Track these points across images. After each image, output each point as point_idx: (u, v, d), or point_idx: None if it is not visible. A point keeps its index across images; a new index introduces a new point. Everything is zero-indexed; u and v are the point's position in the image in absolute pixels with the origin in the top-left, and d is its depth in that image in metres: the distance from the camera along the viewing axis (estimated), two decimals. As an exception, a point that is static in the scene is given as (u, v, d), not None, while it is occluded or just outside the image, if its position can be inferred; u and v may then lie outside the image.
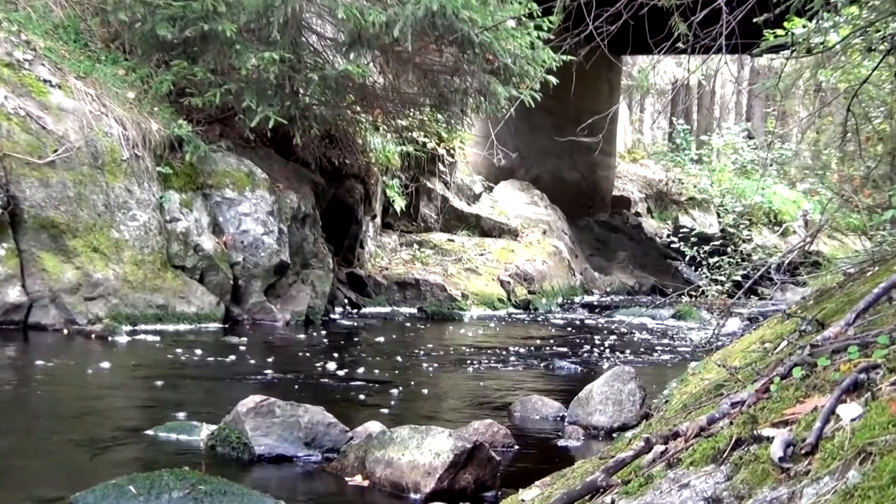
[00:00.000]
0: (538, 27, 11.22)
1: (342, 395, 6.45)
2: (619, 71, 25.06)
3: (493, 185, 19.11)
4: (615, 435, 5.33)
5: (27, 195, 8.68)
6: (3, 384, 6.16)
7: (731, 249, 15.98)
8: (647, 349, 10.07)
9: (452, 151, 16.96)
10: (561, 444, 5.30)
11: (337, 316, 11.87)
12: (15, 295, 8.53)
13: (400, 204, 15.30)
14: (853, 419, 2.15)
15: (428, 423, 4.72)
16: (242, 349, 8.46)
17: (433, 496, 3.92)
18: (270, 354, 8.22)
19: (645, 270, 20.09)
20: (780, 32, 7.17)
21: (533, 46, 11.24)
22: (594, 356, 9.27)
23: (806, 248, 8.83)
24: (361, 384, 6.89)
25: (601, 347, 10.03)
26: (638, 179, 28.26)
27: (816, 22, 6.53)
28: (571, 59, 8.57)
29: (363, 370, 7.68)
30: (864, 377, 2.35)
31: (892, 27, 6.14)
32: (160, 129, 9.95)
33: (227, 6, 9.72)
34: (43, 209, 8.75)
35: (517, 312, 14.18)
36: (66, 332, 8.60)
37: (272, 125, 10.10)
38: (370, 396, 6.52)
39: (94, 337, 8.51)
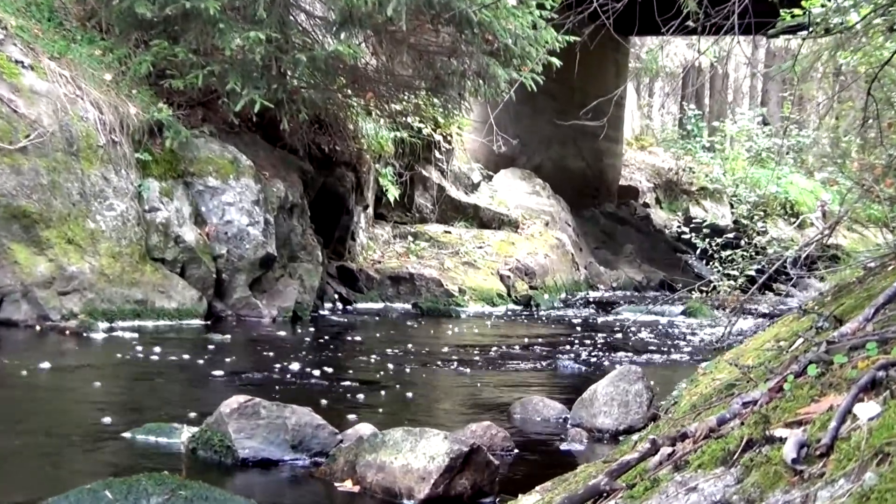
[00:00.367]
0: (540, 5, 11.22)
1: (331, 395, 6.45)
2: (626, 52, 25.07)
3: (492, 173, 19.11)
4: (621, 438, 5.34)
5: (-3, 183, 8.67)
6: (-29, 383, 6.16)
7: (744, 242, 16.00)
8: (655, 348, 10.08)
9: (449, 138, 16.96)
10: (563, 447, 5.30)
11: (326, 312, 11.88)
12: (-16, 289, 8.54)
13: (393, 193, 15.30)
14: (870, 418, 2.15)
15: (422, 425, 4.72)
16: (226, 347, 8.46)
17: (428, 502, 3.92)
18: (256, 352, 8.22)
19: (653, 264, 20.10)
20: (796, 11, 7.16)
21: (535, 26, 11.24)
22: (599, 355, 9.27)
23: (824, 241, 8.83)
24: (352, 384, 6.89)
25: (606, 346, 10.04)
26: (646, 168, 28.28)
27: (835, 0, 6.53)
28: (575, 39, 8.56)
29: (354, 369, 7.68)
30: (882, 375, 2.36)
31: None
32: (139, 113, 9.94)
33: (209, -17, 9.71)
34: (14, 198, 8.74)
35: (517, 309, 14.19)
36: (38, 328, 8.60)
37: (258, 109, 10.09)
38: (361, 396, 6.52)
39: (68, 333, 8.50)
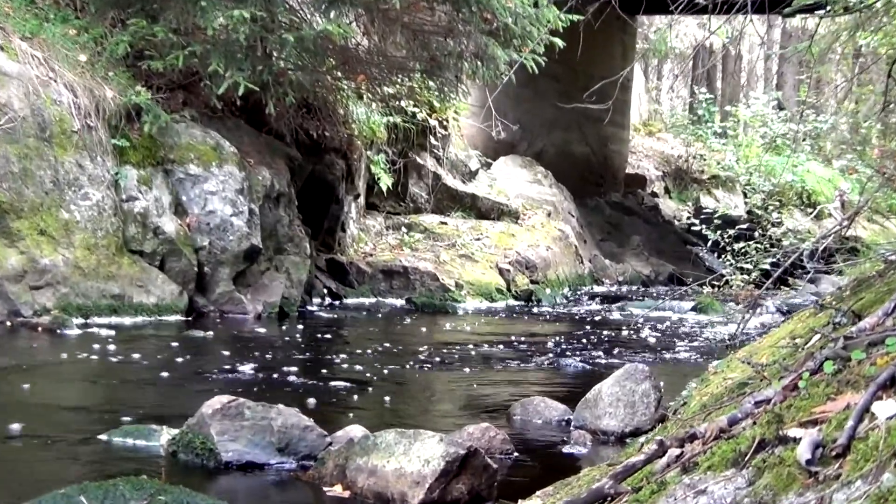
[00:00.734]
0: (542, -18, 11.21)
1: (320, 395, 6.46)
2: (633, 32, 25.04)
3: (491, 160, 19.10)
4: (627, 441, 5.35)
5: (-35, 171, 8.67)
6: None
7: (758, 234, 16.02)
8: (663, 345, 10.09)
9: (445, 123, 16.95)
10: (566, 450, 5.32)
11: (315, 307, 11.88)
12: (-49, 283, 8.53)
13: (386, 182, 15.29)
14: (889, 417, 2.16)
15: (417, 426, 4.73)
16: (208, 344, 8.46)
17: (422, 508, 3.93)
18: (240, 350, 8.22)
19: (662, 257, 20.11)
20: (813, -11, 7.16)
21: (536, 4, 11.23)
22: (604, 353, 9.28)
23: (842, 232, 8.84)
24: (342, 383, 6.90)
25: (612, 343, 10.05)
26: (654, 155, 28.27)
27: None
28: (579, 18, 8.56)
29: (344, 368, 7.69)
30: (902, 372, 2.37)
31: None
32: (115, 96, 9.93)
33: (190, -43, 9.70)
34: (-17, 186, 8.74)
35: (518, 304, 14.20)
36: (9, 324, 8.60)
37: (242, 92, 10.07)
38: (352, 397, 6.53)
39: (40, 330, 8.50)
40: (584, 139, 22.97)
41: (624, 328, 11.54)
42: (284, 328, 10.05)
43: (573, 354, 8.99)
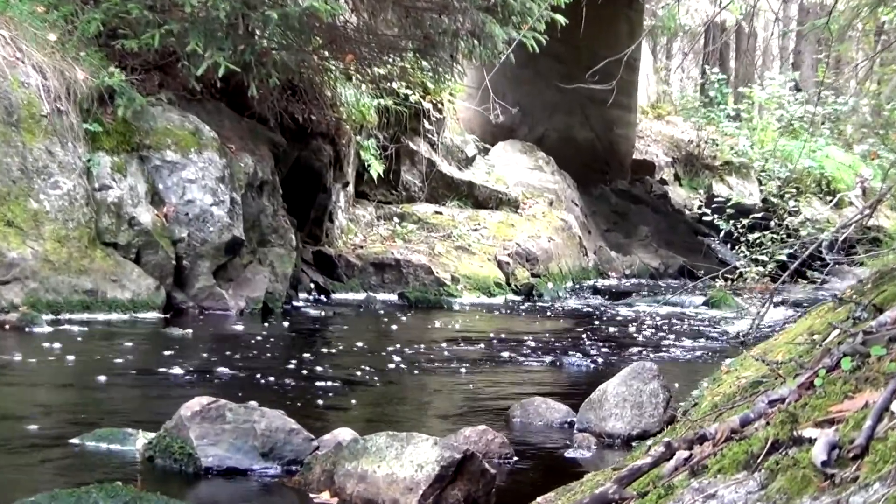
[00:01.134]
0: (543, -45, 11.20)
1: (307, 396, 6.47)
2: (640, 8, 25.01)
3: (489, 146, 19.11)
4: (634, 444, 5.36)
5: (-74, 158, 8.66)
6: None
7: (774, 224, 16.03)
8: (673, 343, 10.11)
9: (440, 106, 16.95)
10: (569, 454, 5.33)
11: (301, 303, 11.88)
12: (-88, 278, 8.53)
13: (377, 169, 15.29)
14: (910, 416, 2.17)
15: (409, 429, 4.74)
16: (187, 342, 8.46)
17: (415, 515, 3.94)
18: (221, 349, 8.22)
19: (671, 249, 20.13)
20: (832, -39, 7.16)
21: (537, -22, 11.23)
22: (609, 351, 9.30)
23: (864, 222, 8.85)
24: (330, 384, 6.91)
25: (618, 341, 10.07)
26: (663, 140, 28.26)
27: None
28: (582, -7, 8.56)
29: (332, 367, 7.69)
30: (925, 368, 2.38)
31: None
32: (87, 78, 9.92)
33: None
34: (-54, 175, 8.73)
35: (518, 299, 14.21)
36: (-26, 322, 8.60)
37: (222, 73, 10.07)
38: (340, 398, 6.54)
39: (7, 328, 8.49)
40: (587, 123, 22.95)
41: (631, 324, 11.55)
42: (268, 325, 10.05)
43: (576, 352, 9.00)
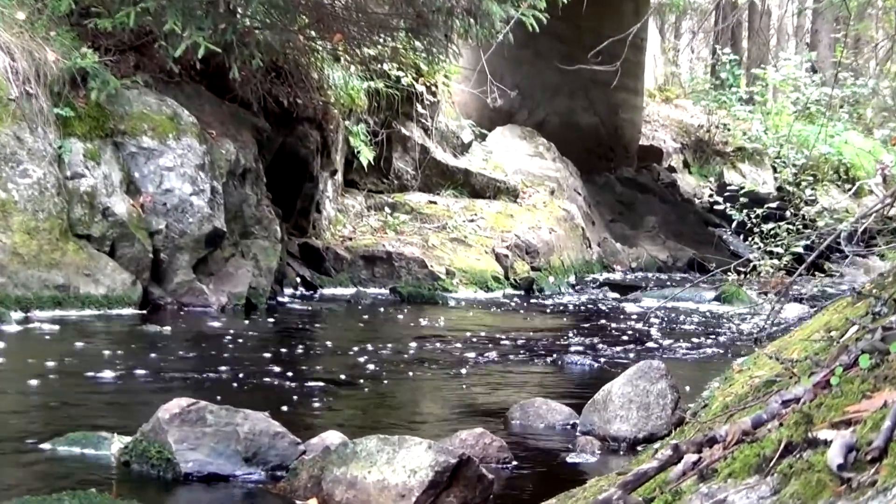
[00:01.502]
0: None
1: (292, 397, 6.47)
2: (647, -15, 25.04)
3: (486, 131, 19.10)
4: (640, 447, 5.36)
5: None
6: None
7: (790, 214, 16.04)
8: (682, 340, 10.11)
9: (434, 89, 16.94)
10: (571, 459, 5.33)
11: (286, 299, 11.88)
12: None
13: (367, 156, 15.29)
14: (932, 417, 2.18)
15: (402, 432, 4.74)
16: (165, 341, 8.46)
17: (408, 523, 3.95)
18: (201, 347, 8.22)
19: (680, 240, 20.15)
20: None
21: (537, -48, 11.22)
22: (614, 349, 9.30)
23: (885, 211, 8.87)
24: (317, 384, 6.91)
25: (623, 338, 10.07)
26: (672, 124, 28.29)
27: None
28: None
29: (319, 367, 7.70)
30: (947, 366, 2.39)
31: None
32: (58, 59, 9.90)
33: None
34: None
35: (517, 294, 14.21)
36: (-62, 319, 8.59)
37: (202, 54, 10.05)
38: (328, 400, 6.54)
39: (-26, 326, 8.50)
40: (591, 107, 22.96)
41: (637, 321, 11.56)
42: (252, 322, 10.05)
43: (579, 351, 9.01)
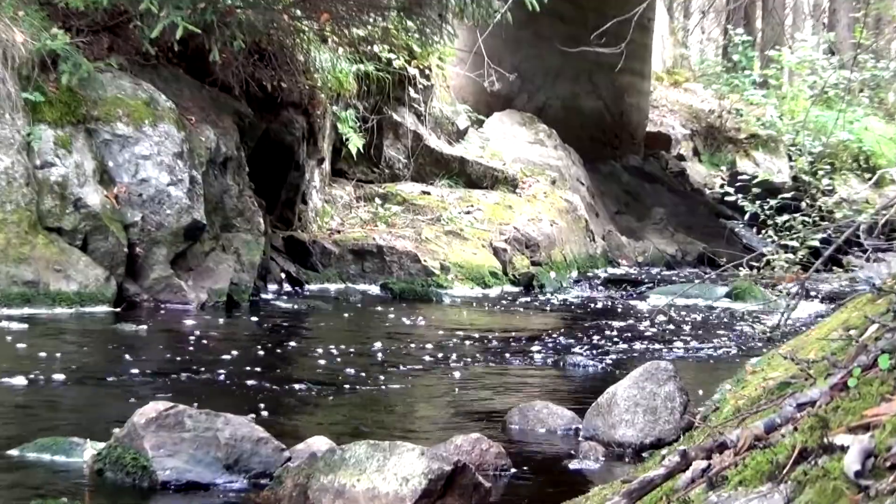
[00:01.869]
0: None
1: (277, 401, 6.48)
2: (654, -39, 25.03)
3: (483, 117, 19.08)
4: (647, 454, 5.37)
5: None
6: None
7: (806, 205, 16.04)
8: (691, 340, 10.13)
9: (428, 72, 16.92)
10: (573, 466, 5.34)
11: (270, 295, 11.88)
12: None
13: (356, 143, 15.27)
14: (954, 421, 2.18)
15: (393, 437, 4.75)
16: (141, 340, 8.46)
17: (399, 535, 3.95)
18: (179, 347, 8.23)
19: (690, 233, 20.16)
20: None
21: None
22: (619, 349, 9.32)
23: (907, 201, 8.89)
24: (303, 387, 6.92)
25: (629, 337, 10.08)
26: (681, 110, 28.28)
27: None
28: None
29: (305, 368, 7.70)
30: (971, 368, 2.39)
31: None
32: (27, 41, 9.89)
33: None
34: None
35: (516, 291, 14.21)
36: None
37: (180, 35, 10.04)
38: (315, 403, 6.55)
39: (-63, 325, 8.50)
40: (595, 91, 22.96)
41: (644, 319, 11.57)
42: (233, 320, 10.06)
43: (582, 351, 9.02)
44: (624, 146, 23.81)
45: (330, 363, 7.96)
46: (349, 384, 7.18)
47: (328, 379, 7.31)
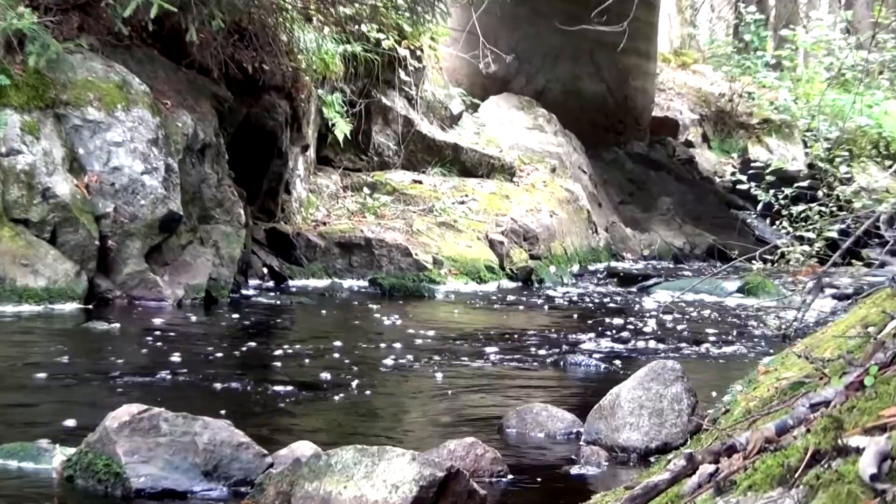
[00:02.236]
0: None
1: (258, 404, 6.49)
2: (661, -66, 25.04)
3: (478, 101, 19.09)
4: (652, 459, 5.38)
5: None
6: None
7: (822, 194, 16.06)
8: (700, 338, 10.14)
9: (419, 53, 16.92)
10: (574, 472, 5.35)
11: (252, 291, 11.87)
12: None
13: (343, 129, 15.27)
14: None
15: (382, 442, 4.76)
16: (113, 339, 8.46)
17: (389, 545, 3.96)
18: (154, 347, 8.23)
19: (699, 225, 20.17)
20: None
21: None
22: (623, 348, 9.33)
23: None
24: (287, 388, 6.92)
25: (634, 336, 10.09)
26: (689, 93, 28.29)
27: None
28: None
29: (289, 369, 7.71)
30: None
31: None
32: (-10, 19, 9.89)
33: None
34: None
35: (514, 286, 14.21)
36: None
37: (155, 14, 10.04)
38: (299, 406, 6.56)
39: None
40: (597, 73, 22.95)
41: (649, 316, 11.58)
42: (212, 318, 10.06)
43: (584, 350, 9.03)
44: (628, 132, 23.81)
45: (315, 363, 7.97)
46: (335, 386, 7.18)
47: (313, 380, 7.32)
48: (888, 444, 2.26)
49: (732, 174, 21.87)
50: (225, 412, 5.33)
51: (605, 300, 13.24)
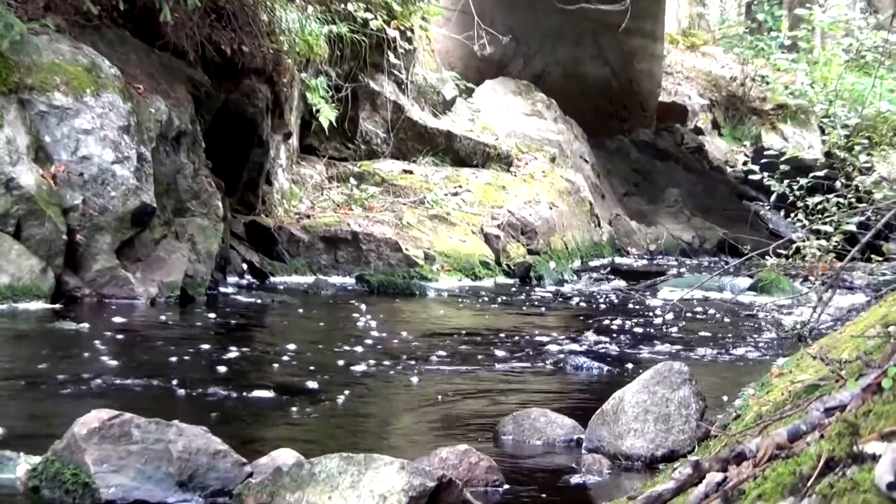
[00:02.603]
0: None
1: (237, 409, 6.49)
2: None
3: (473, 85, 19.09)
4: (659, 466, 5.39)
5: None
6: None
7: (841, 184, 16.08)
8: (709, 338, 10.16)
9: (410, 34, 16.92)
10: (575, 480, 5.36)
11: (230, 289, 11.88)
12: None
13: (328, 116, 15.27)
14: None
15: (369, 450, 4.76)
16: (82, 340, 8.46)
17: (376, 560, 3.97)
18: (126, 348, 8.24)
19: (709, 217, 20.20)
20: None
21: None
22: (628, 349, 9.34)
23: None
24: (267, 393, 6.92)
25: (639, 336, 10.11)
26: (699, 77, 28.32)
27: None
28: None
29: (270, 371, 7.72)
30: None
31: None
32: (-50, -2, 9.89)
33: None
34: None
35: (511, 283, 14.23)
36: None
37: (126, -8, 10.05)
38: (280, 411, 6.56)
39: None
40: (600, 55, 22.97)
41: (656, 315, 11.60)
42: (188, 317, 10.06)
43: (585, 351, 9.04)
44: (633, 118, 23.84)
45: (297, 366, 7.98)
46: (319, 390, 7.18)
47: (295, 384, 7.33)
48: (906, 450, 2.27)
49: (745, 163, 21.91)
50: (201, 418, 5.33)
51: (607, 298, 13.25)
